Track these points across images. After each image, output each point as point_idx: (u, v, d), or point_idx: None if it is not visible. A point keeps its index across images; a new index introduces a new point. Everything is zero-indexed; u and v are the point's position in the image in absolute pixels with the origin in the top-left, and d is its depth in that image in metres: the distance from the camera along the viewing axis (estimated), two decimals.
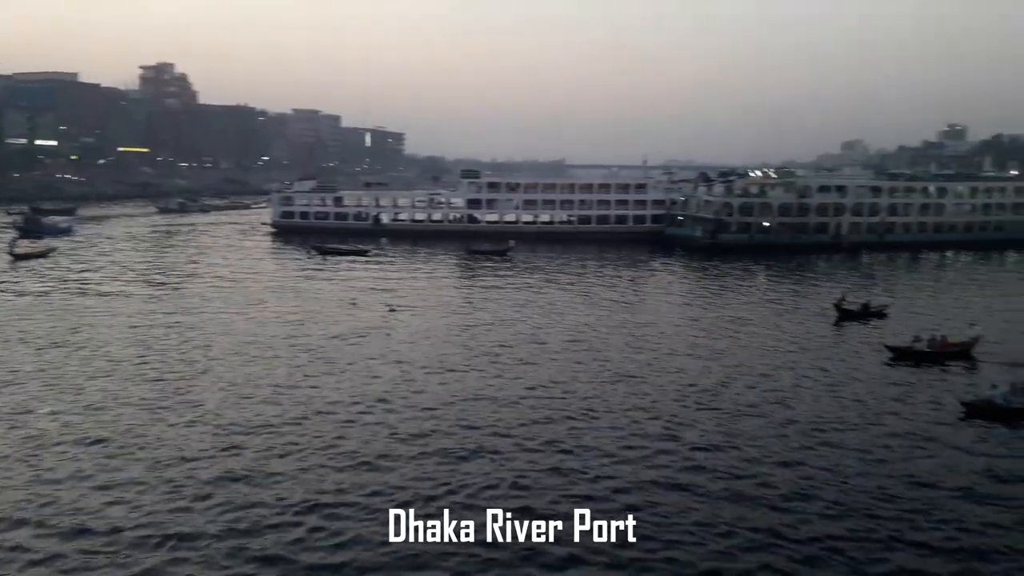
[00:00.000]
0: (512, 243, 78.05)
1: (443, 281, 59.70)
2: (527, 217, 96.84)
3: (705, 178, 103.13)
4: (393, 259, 72.52)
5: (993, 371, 32.50)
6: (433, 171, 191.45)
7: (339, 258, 69.93)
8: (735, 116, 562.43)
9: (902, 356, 34.87)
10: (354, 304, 46.97)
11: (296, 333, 38.86)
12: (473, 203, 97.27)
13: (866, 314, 44.89)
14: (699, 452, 23.29)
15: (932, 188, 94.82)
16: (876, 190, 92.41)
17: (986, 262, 78.35)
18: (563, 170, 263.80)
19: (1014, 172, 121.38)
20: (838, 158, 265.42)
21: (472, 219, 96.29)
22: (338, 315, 43.72)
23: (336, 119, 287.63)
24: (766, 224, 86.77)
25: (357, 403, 27.47)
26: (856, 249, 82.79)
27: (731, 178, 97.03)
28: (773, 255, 76.93)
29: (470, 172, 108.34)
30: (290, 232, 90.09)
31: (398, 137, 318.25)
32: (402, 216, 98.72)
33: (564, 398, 28.51)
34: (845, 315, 44.92)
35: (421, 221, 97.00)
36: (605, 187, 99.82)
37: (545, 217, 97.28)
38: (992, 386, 27.86)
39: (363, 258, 71.22)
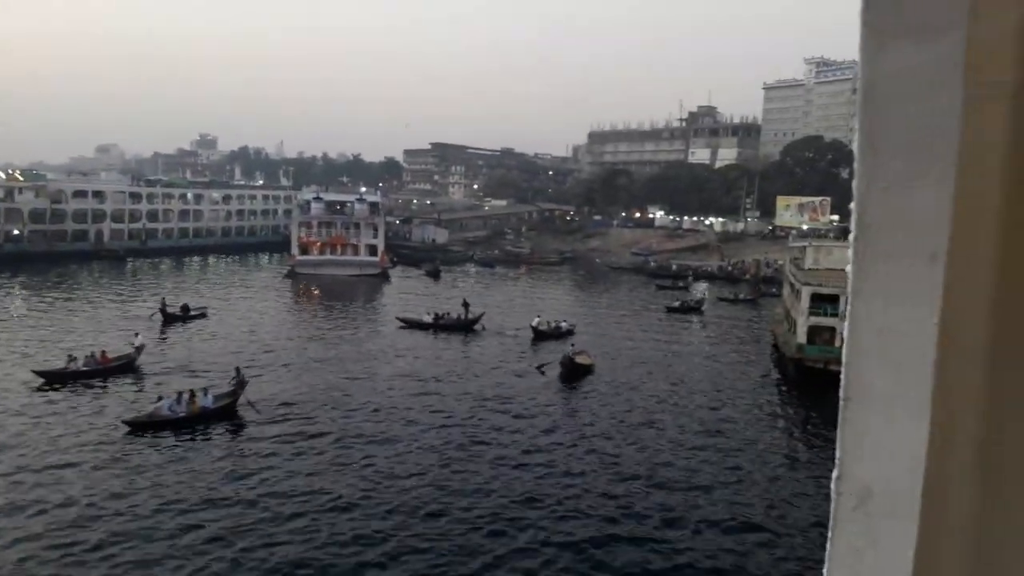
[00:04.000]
0: None
1: None
2: None
3: None
4: None
5: (156, 381, 32.18)
6: None
7: None
8: None
9: (57, 380, 30.91)
10: None
11: None
12: None
13: (187, 316, 45.74)
14: None
15: (190, 195, 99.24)
16: (136, 196, 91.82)
17: (244, 264, 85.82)
18: None
19: (261, 181, 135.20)
20: (93, 162, 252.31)
21: None
22: None
23: None
24: (16, 232, 77.93)
25: None
26: (120, 256, 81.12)
27: None
28: (27, 266, 69.09)
29: None
30: None
31: None
32: None
33: None
34: (169, 318, 44.79)
35: None
36: None
37: None
38: (158, 398, 27.19)
39: None
